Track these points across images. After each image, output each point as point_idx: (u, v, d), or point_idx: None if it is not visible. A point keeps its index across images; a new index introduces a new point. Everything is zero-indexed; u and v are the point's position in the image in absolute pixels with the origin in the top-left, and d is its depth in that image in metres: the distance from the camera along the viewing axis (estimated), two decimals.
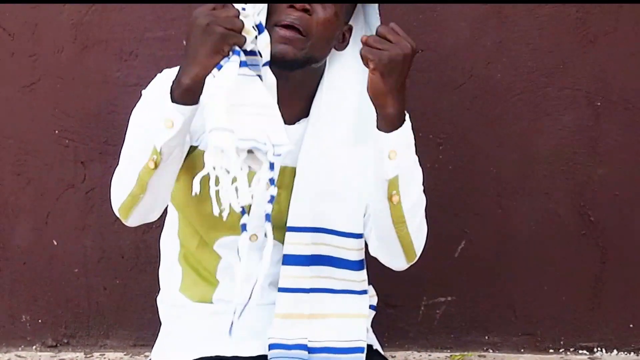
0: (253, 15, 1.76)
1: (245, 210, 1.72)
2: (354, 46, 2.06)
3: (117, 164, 1.80)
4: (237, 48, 1.74)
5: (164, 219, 2.11)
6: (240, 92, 1.75)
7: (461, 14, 2.29)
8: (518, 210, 2.40)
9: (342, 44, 1.99)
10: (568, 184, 2.37)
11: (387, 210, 1.85)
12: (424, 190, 1.85)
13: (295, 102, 1.92)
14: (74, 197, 2.46)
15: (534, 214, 2.40)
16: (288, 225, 1.91)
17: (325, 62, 2.02)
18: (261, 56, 1.79)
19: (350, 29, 2.02)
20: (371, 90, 1.78)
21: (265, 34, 1.79)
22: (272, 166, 1.74)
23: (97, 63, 2.39)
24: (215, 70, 1.72)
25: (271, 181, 1.75)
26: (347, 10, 2.00)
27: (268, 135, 1.76)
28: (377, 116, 1.81)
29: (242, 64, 1.75)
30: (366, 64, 1.76)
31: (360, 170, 1.91)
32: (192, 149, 1.89)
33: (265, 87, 1.79)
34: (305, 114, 1.97)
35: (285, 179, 1.95)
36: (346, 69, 2.03)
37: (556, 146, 2.36)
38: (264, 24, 1.84)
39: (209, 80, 1.72)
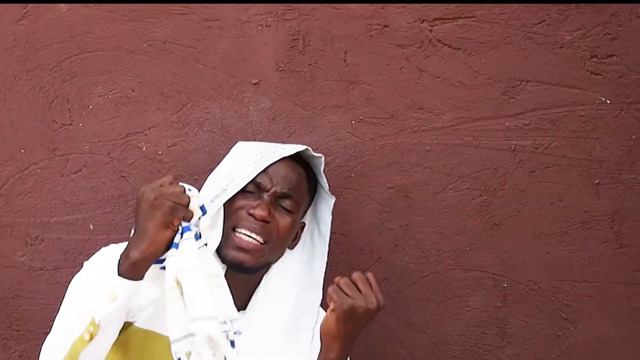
0: (198, 196, 1.78)
1: None
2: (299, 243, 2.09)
3: (49, 333, 1.81)
4: (186, 224, 1.74)
5: None
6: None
7: (368, 197, 2.31)
8: None
9: (294, 241, 2.03)
10: None
11: None
12: None
13: (237, 296, 1.92)
14: None
15: None
16: None
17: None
18: (200, 237, 1.79)
19: (303, 226, 2.06)
20: (323, 328, 1.80)
21: (208, 216, 1.80)
22: (232, 343, 1.76)
23: (1, 247, 2.35)
24: (173, 250, 1.71)
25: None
26: (304, 211, 2.05)
27: (226, 312, 1.77)
28: (320, 352, 1.82)
29: (196, 236, 1.76)
30: (328, 303, 1.78)
31: None
32: (127, 325, 1.87)
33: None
34: (244, 306, 1.98)
35: None
36: (287, 269, 2.04)
37: (465, 327, 2.37)
38: (221, 225, 1.86)
39: (170, 262, 1.71)
